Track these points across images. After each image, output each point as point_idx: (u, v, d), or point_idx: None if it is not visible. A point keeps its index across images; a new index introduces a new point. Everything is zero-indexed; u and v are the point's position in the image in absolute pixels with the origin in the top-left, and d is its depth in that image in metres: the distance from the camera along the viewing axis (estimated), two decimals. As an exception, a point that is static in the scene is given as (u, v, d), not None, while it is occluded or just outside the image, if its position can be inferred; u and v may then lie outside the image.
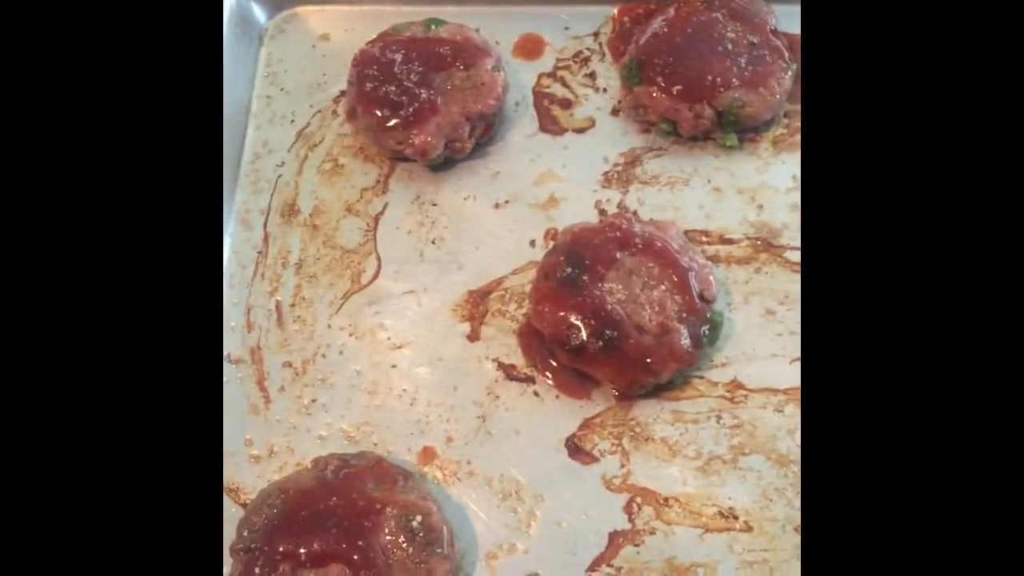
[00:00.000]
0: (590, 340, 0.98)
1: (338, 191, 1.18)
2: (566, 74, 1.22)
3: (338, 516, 0.92)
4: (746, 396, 1.02)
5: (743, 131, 1.14)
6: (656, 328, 0.98)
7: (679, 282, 1.00)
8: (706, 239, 1.10)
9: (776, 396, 1.02)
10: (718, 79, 1.11)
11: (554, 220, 1.13)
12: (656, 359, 0.98)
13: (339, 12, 1.30)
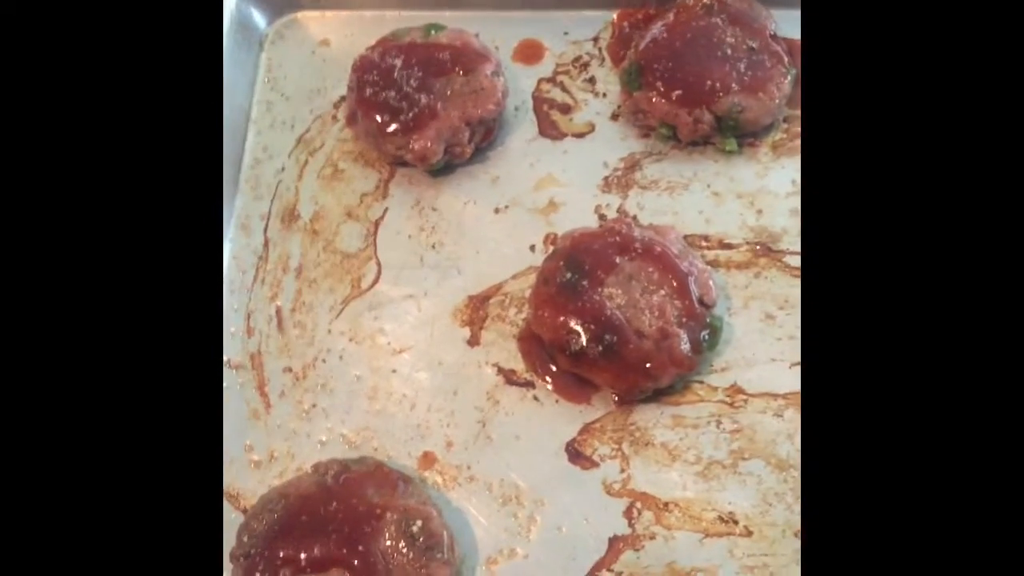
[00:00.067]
0: (590, 345, 0.98)
1: (338, 196, 1.18)
2: (566, 79, 1.22)
3: (338, 521, 0.92)
4: (746, 401, 1.02)
5: (742, 136, 1.14)
6: (656, 333, 0.98)
7: (679, 287, 1.00)
8: (706, 244, 1.10)
9: (776, 401, 1.02)
10: (717, 84, 1.11)
11: (554, 225, 1.13)
12: (656, 364, 0.98)
13: (339, 18, 1.30)
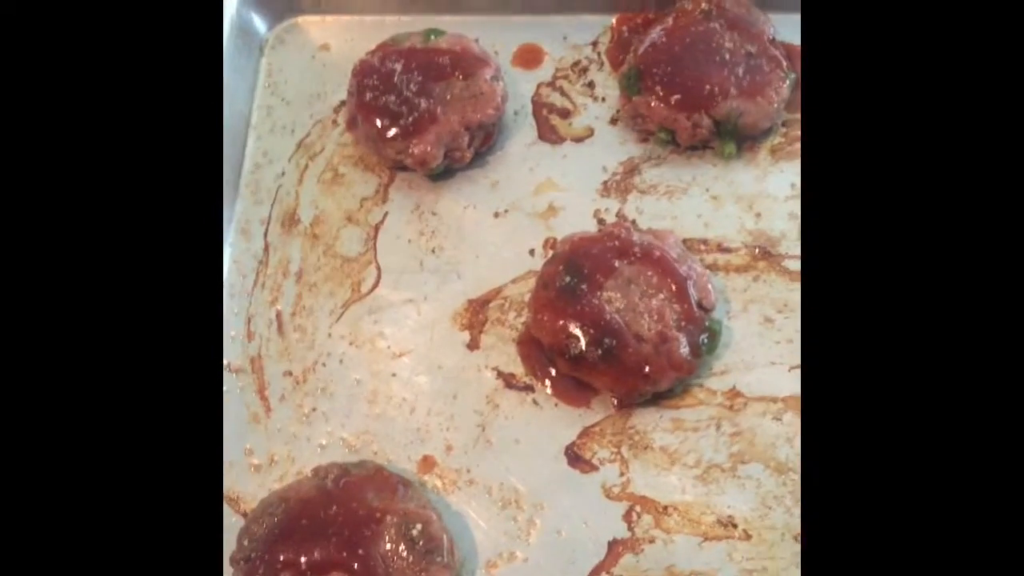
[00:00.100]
0: (589, 349, 0.99)
1: (338, 201, 1.18)
2: (565, 83, 1.23)
3: (338, 525, 0.92)
4: (745, 404, 1.02)
5: (741, 140, 1.14)
6: (655, 337, 0.99)
7: (678, 291, 1.01)
8: (704, 248, 1.11)
9: (775, 404, 1.02)
10: (716, 88, 1.11)
11: (553, 229, 1.13)
12: (655, 367, 0.98)
13: (339, 22, 1.30)
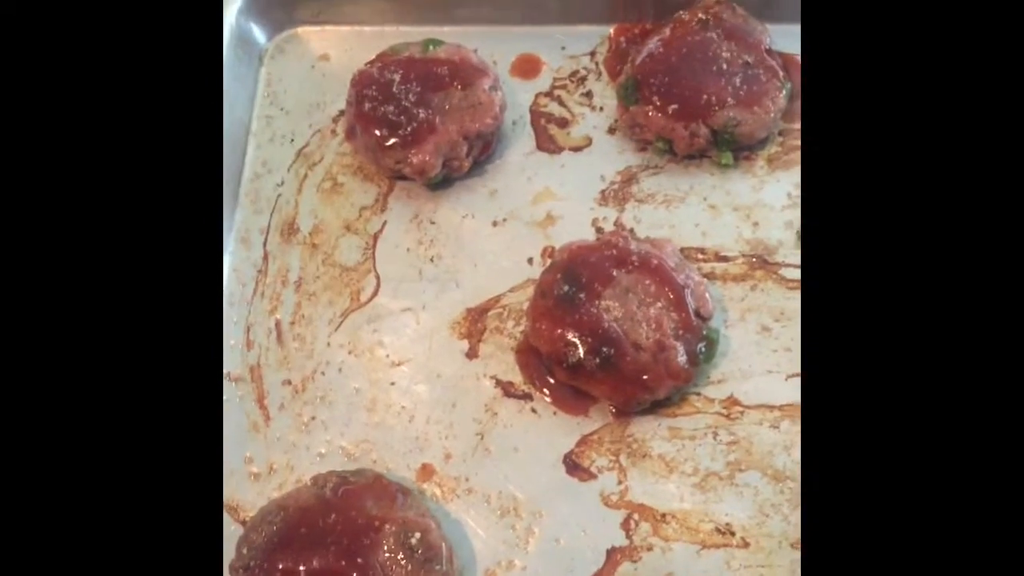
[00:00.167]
0: (587, 357, 0.99)
1: (337, 210, 1.19)
2: (563, 93, 1.23)
3: (337, 533, 0.92)
4: (742, 412, 1.02)
5: (738, 149, 1.15)
6: (653, 345, 0.99)
7: (675, 300, 1.01)
8: (702, 256, 1.11)
9: (772, 412, 1.02)
10: (713, 98, 1.11)
11: (551, 238, 1.14)
12: (653, 376, 0.99)
13: (338, 33, 1.31)
